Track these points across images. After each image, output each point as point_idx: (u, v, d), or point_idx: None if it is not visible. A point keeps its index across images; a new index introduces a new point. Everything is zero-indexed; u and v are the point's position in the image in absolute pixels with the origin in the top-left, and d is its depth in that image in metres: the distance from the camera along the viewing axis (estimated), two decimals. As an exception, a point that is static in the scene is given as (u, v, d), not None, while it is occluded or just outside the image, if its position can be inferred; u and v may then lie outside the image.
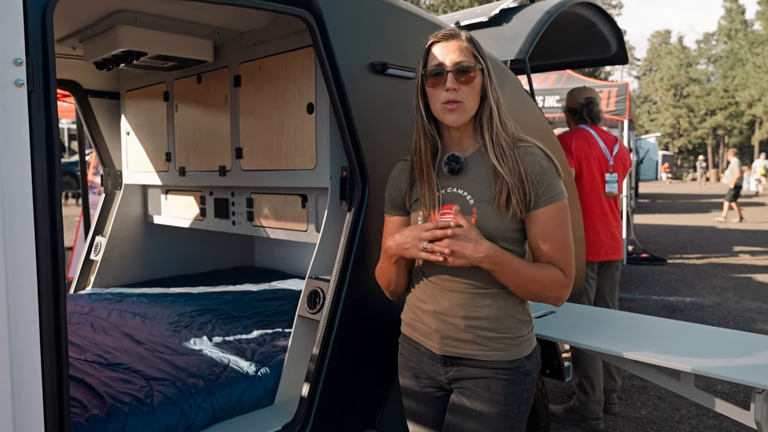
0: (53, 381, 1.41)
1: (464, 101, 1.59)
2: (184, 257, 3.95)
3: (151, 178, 3.48)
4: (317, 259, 2.22)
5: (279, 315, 2.95)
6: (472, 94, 1.59)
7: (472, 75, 1.58)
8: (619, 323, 2.51)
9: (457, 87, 1.58)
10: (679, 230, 13.82)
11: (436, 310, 1.67)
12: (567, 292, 1.62)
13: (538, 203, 1.57)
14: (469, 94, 1.59)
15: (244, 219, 2.95)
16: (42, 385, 1.39)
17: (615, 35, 3.97)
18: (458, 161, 1.63)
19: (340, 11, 2.04)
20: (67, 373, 1.45)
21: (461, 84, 1.58)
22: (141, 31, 2.46)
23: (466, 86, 1.58)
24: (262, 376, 2.14)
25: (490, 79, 1.62)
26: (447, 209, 1.63)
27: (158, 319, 2.88)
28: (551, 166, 1.59)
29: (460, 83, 1.58)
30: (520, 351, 1.64)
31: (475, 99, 1.61)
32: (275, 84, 2.53)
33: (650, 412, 4.04)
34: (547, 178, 1.57)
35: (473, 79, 1.59)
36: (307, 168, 2.40)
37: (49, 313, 1.40)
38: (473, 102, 1.61)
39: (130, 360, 2.27)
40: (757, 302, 6.90)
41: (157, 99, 3.31)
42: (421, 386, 1.77)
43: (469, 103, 1.60)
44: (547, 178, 1.57)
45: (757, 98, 42.81)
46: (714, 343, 2.13)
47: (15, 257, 1.33)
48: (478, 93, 1.61)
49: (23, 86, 1.35)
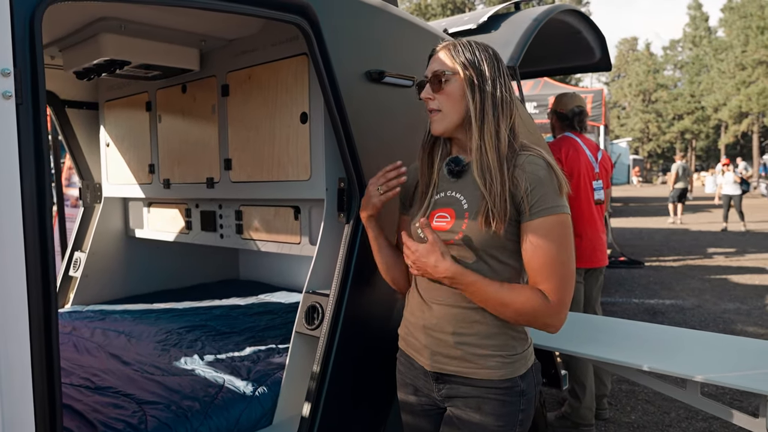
0: (45, 410, 1.32)
1: (441, 109, 1.56)
2: (166, 271, 3.83)
3: (133, 191, 3.36)
4: (314, 273, 2.16)
5: (270, 330, 2.86)
6: (448, 102, 1.55)
7: (444, 82, 1.54)
8: (618, 331, 2.49)
9: (431, 96, 1.56)
10: (653, 233, 14.05)
11: (425, 325, 1.61)
12: (555, 320, 1.47)
13: (530, 215, 1.46)
14: (444, 102, 1.55)
15: (232, 232, 2.86)
16: (34, 415, 1.30)
17: (599, 42, 4.00)
18: (458, 163, 1.59)
19: (335, 18, 1.99)
20: (60, 402, 1.36)
21: (436, 93, 1.56)
22: (125, 39, 2.37)
23: (439, 94, 1.55)
24: (260, 396, 2.06)
25: (477, 87, 1.52)
26: (442, 211, 1.59)
27: (144, 338, 2.77)
28: (550, 178, 1.47)
29: (435, 92, 1.56)
30: (514, 369, 1.55)
31: (454, 106, 1.55)
32: (266, 93, 2.46)
33: (640, 416, 4.05)
34: (542, 189, 1.46)
35: (445, 85, 1.54)
36: (301, 179, 2.33)
37: (40, 332, 1.31)
38: (452, 109, 1.55)
39: (119, 383, 2.17)
40: (735, 303, 7.01)
41: (139, 109, 3.21)
42: (419, 402, 1.71)
43: (447, 111, 1.55)
44: (542, 189, 1.46)
45: (723, 103, 43.94)
46: (718, 350, 2.12)
47: (3, 274, 1.24)
48: (457, 100, 1.54)
49: (11, 98, 1.26)
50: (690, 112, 49.54)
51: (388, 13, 2.23)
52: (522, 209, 1.47)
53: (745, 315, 6.46)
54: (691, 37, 53.80)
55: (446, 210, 1.58)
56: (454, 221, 1.55)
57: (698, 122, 49.43)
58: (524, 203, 1.46)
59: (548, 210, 1.45)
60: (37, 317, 1.30)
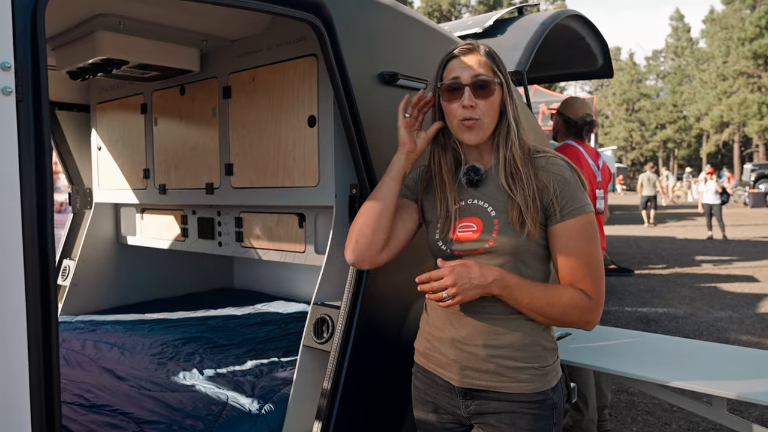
0: None
1: (482, 118, 1.50)
2: (158, 280, 3.70)
3: (126, 197, 3.24)
4: (323, 284, 2.06)
5: (271, 342, 2.75)
6: (490, 111, 1.50)
7: (491, 90, 1.49)
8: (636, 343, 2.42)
9: (474, 103, 1.49)
10: (640, 241, 14.12)
11: (454, 338, 1.53)
12: (596, 315, 1.48)
13: (561, 216, 1.44)
14: (488, 111, 1.50)
15: (232, 240, 2.75)
16: None
17: (601, 48, 3.96)
18: (478, 172, 1.54)
19: (349, 18, 1.90)
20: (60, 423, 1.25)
21: (479, 99, 1.49)
22: (123, 38, 2.26)
23: (484, 102, 1.49)
24: (267, 414, 1.95)
25: (510, 95, 1.53)
26: (466, 221, 1.52)
27: (139, 351, 2.64)
28: (575, 178, 1.47)
29: (478, 99, 1.49)
30: (546, 382, 1.51)
31: (494, 116, 1.51)
32: (271, 95, 2.36)
33: (641, 427, 3.99)
34: (571, 190, 1.45)
35: (492, 94, 1.49)
36: (308, 185, 2.23)
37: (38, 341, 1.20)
38: (491, 119, 1.51)
39: (115, 400, 2.04)
40: (727, 311, 7.02)
41: (133, 112, 3.08)
42: (440, 420, 1.62)
43: (487, 121, 1.51)
44: (571, 190, 1.45)
45: (704, 112, 44.65)
46: (740, 364, 2.05)
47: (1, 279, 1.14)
48: (497, 109, 1.51)
49: (11, 94, 1.15)
50: (672, 121, 50.26)
51: (401, 14, 2.15)
52: (550, 212, 1.45)
53: (737, 323, 6.46)
54: (674, 48, 54.69)
55: (471, 219, 1.52)
56: (481, 230, 1.50)
57: (680, 131, 50.16)
58: (553, 205, 1.45)
59: (578, 210, 1.45)
60: (34, 320, 1.20)
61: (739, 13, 43.01)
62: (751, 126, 39.79)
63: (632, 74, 53.06)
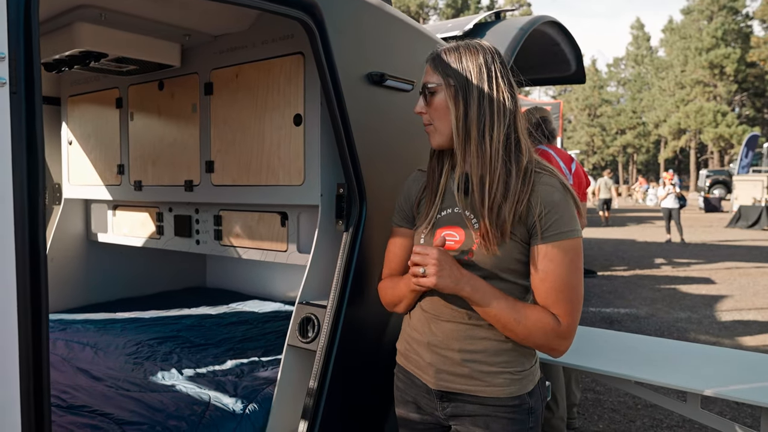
0: None
1: (433, 123, 1.49)
2: (129, 278, 3.61)
3: (98, 193, 3.16)
4: (308, 283, 2.05)
5: (249, 342, 2.72)
6: (436, 115, 1.48)
7: (431, 93, 1.48)
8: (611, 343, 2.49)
9: (424, 110, 1.50)
10: (602, 243, 14.46)
11: (429, 342, 1.53)
12: (564, 344, 1.42)
13: (544, 238, 1.40)
14: (434, 115, 1.48)
15: (210, 238, 2.71)
16: None
17: (575, 55, 4.05)
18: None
19: (339, 17, 1.90)
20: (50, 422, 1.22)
21: (429, 106, 1.49)
22: (103, 30, 2.21)
23: (430, 107, 1.49)
24: (251, 414, 1.93)
25: (456, 97, 1.44)
26: (449, 229, 1.51)
27: (112, 350, 2.58)
28: (565, 200, 1.41)
29: (428, 105, 1.49)
30: (522, 386, 1.50)
31: (442, 119, 1.47)
32: (255, 93, 2.34)
33: (607, 425, 4.09)
34: (557, 213, 1.39)
35: (432, 98, 1.48)
36: (293, 184, 2.22)
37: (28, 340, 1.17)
38: (441, 123, 1.48)
39: (92, 401, 1.99)
40: (686, 312, 7.25)
41: (107, 106, 3.01)
42: (421, 420, 1.63)
43: (437, 125, 1.48)
44: (557, 213, 1.39)
45: (663, 119, 46.01)
46: (713, 363, 2.13)
47: None
48: (444, 113, 1.47)
49: (5, 86, 1.12)
50: (632, 127, 51.63)
51: (389, 15, 2.16)
52: (534, 232, 1.41)
53: (696, 324, 6.68)
54: (634, 56, 56.14)
55: (454, 228, 1.50)
56: (464, 241, 1.47)
57: (639, 137, 51.56)
58: (537, 226, 1.40)
59: (562, 234, 1.39)
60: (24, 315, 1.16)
61: (697, 23, 44.49)
62: (707, 133, 41.24)
63: (594, 80, 54.27)
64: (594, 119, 54.24)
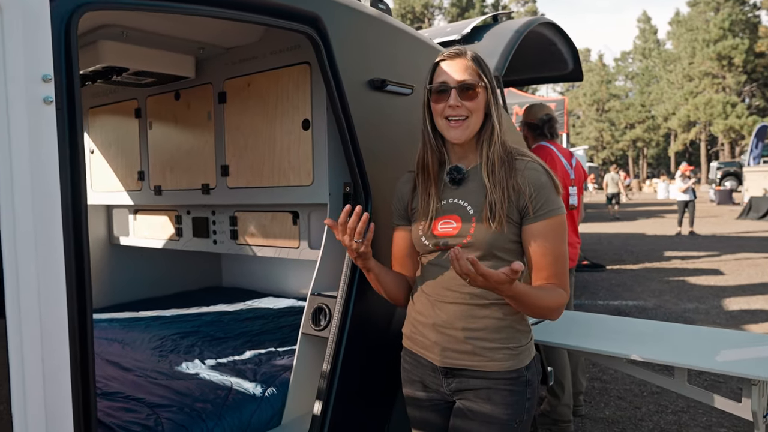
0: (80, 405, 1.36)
1: (468, 118, 1.63)
2: (149, 280, 3.80)
3: (119, 198, 3.34)
4: (319, 276, 2.21)
5: (266, 334, 2.89)
6: (476, 111, 1.64)
7: (476, 92, 1.63)
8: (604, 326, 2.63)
9: (460, 104, 1.62)
10: (612, 238, 14.51)
11: (435, 323, 1.69)
12: (563, 309, 1.65)
13: (537, 217, 1.58)
14: (474, 111, 1.63)
15: (226, 237, 2.88)
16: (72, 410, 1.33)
17: (572, 54, 4.18)
18: (460, 172, 1.67)
19: (342, 29, 2.06)
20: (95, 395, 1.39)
21: (465, 101, 1.62)
22: (124, 47, 2.39)
23: (469, 103, 1.62)
24: (270, 397, 2.10)
25: (494, 97, 1.66)
26: (447, 218, 1.67)
27: (138, 345, 2.76)
28: (550, 182, 1.61)
29: (464, 100, 1.62)
30: (520, 361, 1.65)
31: (479, 116, 1.65)
32: (266, 100, 2.51)
33: (614, 412, 4.21)
34: (546, 193, 1.59)
35: (476, 95, 1.63)
36: (303, 184, 2.38)
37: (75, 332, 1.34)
38: (477, 119, 1.65)
39: (124, 388, 2.17)
40: (694, 303, 7.33)
41: (127, 116, 3.20)
42: (428, 397, 1.78)
43: (473, 120, 1.64)
44: (546, 193, 1.59)
45: (672, 112, 45.78)
46: (698, 341, 2.27)
47: (47, 268, 1.28)
48: (482, 110, 1.65)
49: (52, 104, 1.29)
50: (641, 121, 51.42)
51: (388, 25, 2.32)
52: (526, 212, 1.59)
53: (704, 314, 6.77)
54: (641, 49, 55.94)
55: (451, 216, 1.66)
56: (461, 226, 1.64)
57: (649, 131, 51.34)
58: (529, 207, 1.58)
59: (552, 212, 1.59)
60: (72, 317, 1.33)
61: (704, 15, 44.23)
62: (717, 125, 40.98)
63: (602, 75, 54.14)
64: (602, 114, 54.05)
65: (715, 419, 3.91)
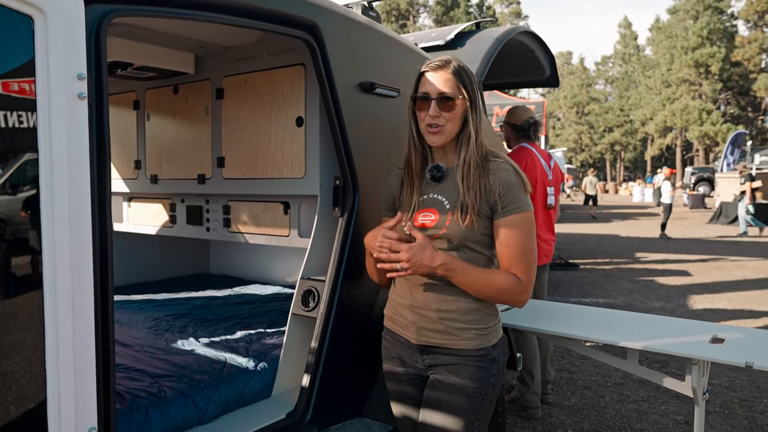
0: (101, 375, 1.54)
1: (445, 126, 1.81)
2: (140, 265, 3.94)
3: (115, 186, 3.49)
4: (309, 262, 2.41)
5: (254, 317, 3.07)
6: (452, 120, 1.81)
7: (454, 104, 1.80)
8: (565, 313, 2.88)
9: (438, 114, 1.80)
10: (586, 238, 14.89)
11: (412, 305, 1.88)
12: (525, 296, 1.79)
13: (504, 213, 1.76)
14: (450, 120, 1.81)
15: (219, 225, 3.06)
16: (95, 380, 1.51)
17: (549, 61, 4.41)
18: (440, 170, 1.87)
19: (335, 35, 2.25)
20: (114, 368, 1.57)
21: (443, 111, 1.80)
22: (131, 44, 2.55)
23: (447, 113, 1.80)
24: (261, 371, 2.29)
25: (473, 107, 1.80)
26: (426, 211, 1.86)
27: (134, 324, 2.93)
28: (519, 181, 1.78)
29: (442, 110, 1.80)
30: (487, 340, 1.83)
31: (456, 124, 1.82)
32: (262, 98, 2.69)
33: (579, 400, 4.47)
34: (513, 191, 1.76)
35: (454, 107, 1.80)
36: (295, 177, 2.57)
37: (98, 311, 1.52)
38: (454, 126, 1.83)
39: (125, 361, 2.34)
40: (660, 302, 7.66)
41: (125, 107, 3.35)
42: (405, 372, 1.97)
43: (449, 128, 1.82)
44: (513, 191, 1.76)
45: (649, 117, 46.63)
46: (652, 327, 2.52)
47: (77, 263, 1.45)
48: (459, 118, 1.82)
49: (85, 99, 1.47)
50: (619, 125, 52.28)
51: (378, 32, 2.52)
52: (495, 208, 1.79)
53: (669, 312, 7.08)
54: (621, 54, 56.79)
55: (430, 210, 1.86)
56: (438, 218, 1.84)
57: (627, 135, 52.22)
58: (498, 203, 1.78)
59: (518, 208, 1.76)
60: (98, 298, 1.51)
61: (683, 23, 45.10)
62: (692, 131, 41.89)
63: (582, 78, 54.87)
64: (582, 117, 54.80)
65: (672, 408, 4.19)
